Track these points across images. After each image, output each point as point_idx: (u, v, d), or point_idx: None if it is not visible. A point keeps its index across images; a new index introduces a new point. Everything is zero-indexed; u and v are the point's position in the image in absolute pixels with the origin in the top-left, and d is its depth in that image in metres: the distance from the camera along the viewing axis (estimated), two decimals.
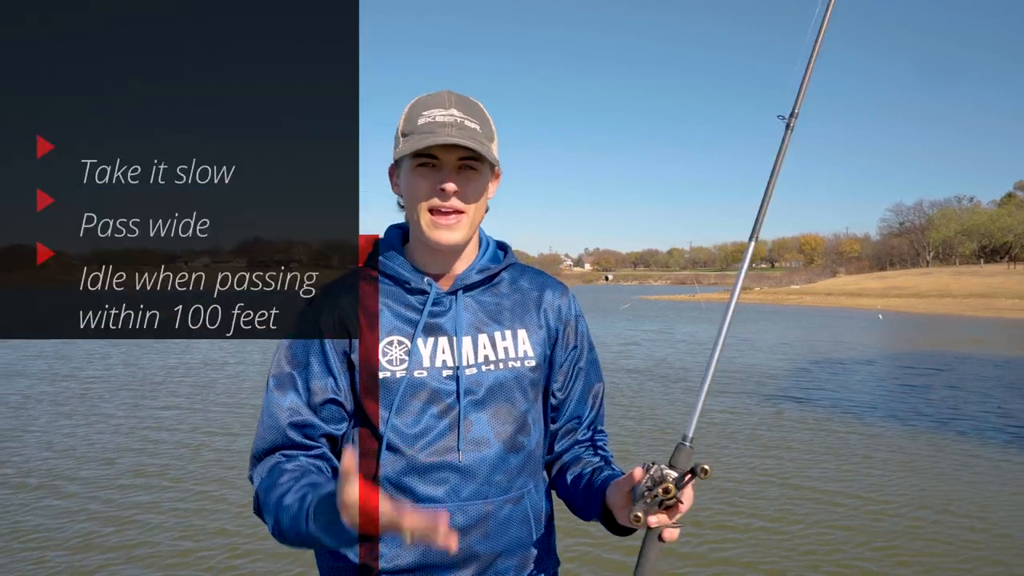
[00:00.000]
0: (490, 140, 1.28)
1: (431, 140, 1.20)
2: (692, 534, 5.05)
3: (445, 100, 1.26)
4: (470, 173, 1.26)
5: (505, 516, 1.28)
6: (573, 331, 1.40)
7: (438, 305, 1.29)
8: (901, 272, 79.63)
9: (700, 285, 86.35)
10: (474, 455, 1.26)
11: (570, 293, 1.43)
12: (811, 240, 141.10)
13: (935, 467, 7.03)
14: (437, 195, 1.24)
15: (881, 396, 11.21)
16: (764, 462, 7.17)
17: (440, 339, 1.28)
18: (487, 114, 1.31)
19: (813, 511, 5.68)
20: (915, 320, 34.09)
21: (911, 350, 19.07)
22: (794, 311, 40.57)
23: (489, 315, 1.32)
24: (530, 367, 1.32)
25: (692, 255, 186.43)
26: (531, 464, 1.33)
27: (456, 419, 1.26)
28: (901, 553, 4.84)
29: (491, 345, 1.30)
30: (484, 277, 1.33)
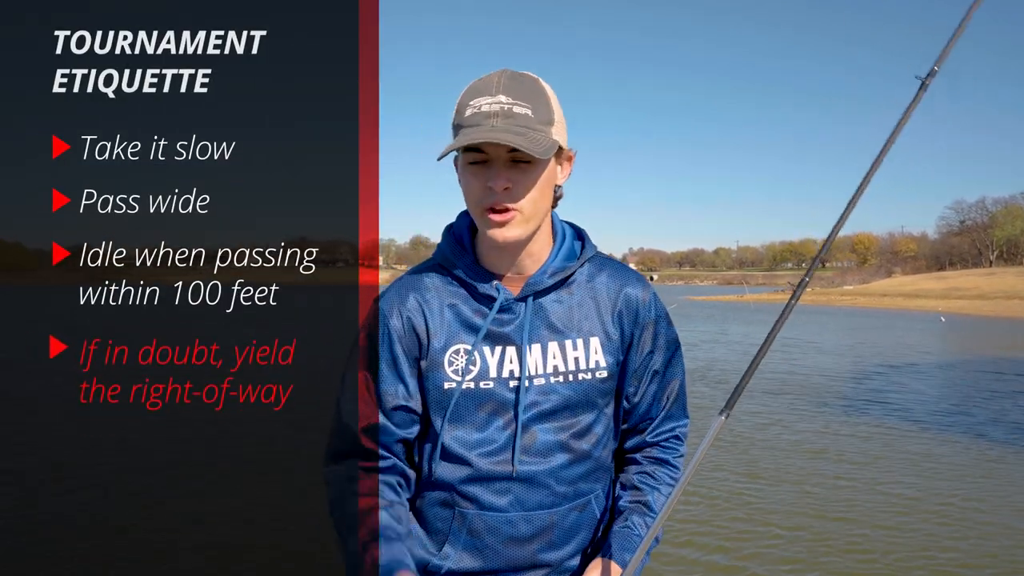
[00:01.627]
0: (547, 123, 1.17)
1: (470, 138, 1.13)
2: (754, 533, 4.89)
3: (494, 84, 1.16)
4: (524, 167, 1.16)
5: (571, 524, 1.26)
6: (651, 335, 1.31)
7: (506, 312, 1.24)
8: (962, 272, 76.31)
9: (748, 286, 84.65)
10: (539, 467, 1.23)
11: (652, 291, 1.33)
12: (864, 239, 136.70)
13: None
14: (489, 193, 1.16)
15: (956, 403, 10.59)
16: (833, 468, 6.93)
17: (508, 348, 1.23)
18: (545, 90, 1.19)
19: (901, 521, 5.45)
20: (981, 323, 32.22)
21: (981, 355, 17.98)
22: (848, 312, 39.20)
23: (561, 322, 1.26)
24: (601, 378, 1.27)
25: (739, 255, 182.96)
26: (598, 469, 1.30)
27: (522, 431, 1.22)
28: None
29: (561, 355, 1.25)
30: (556, 281, 1.25)
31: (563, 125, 1.22)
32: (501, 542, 1.22)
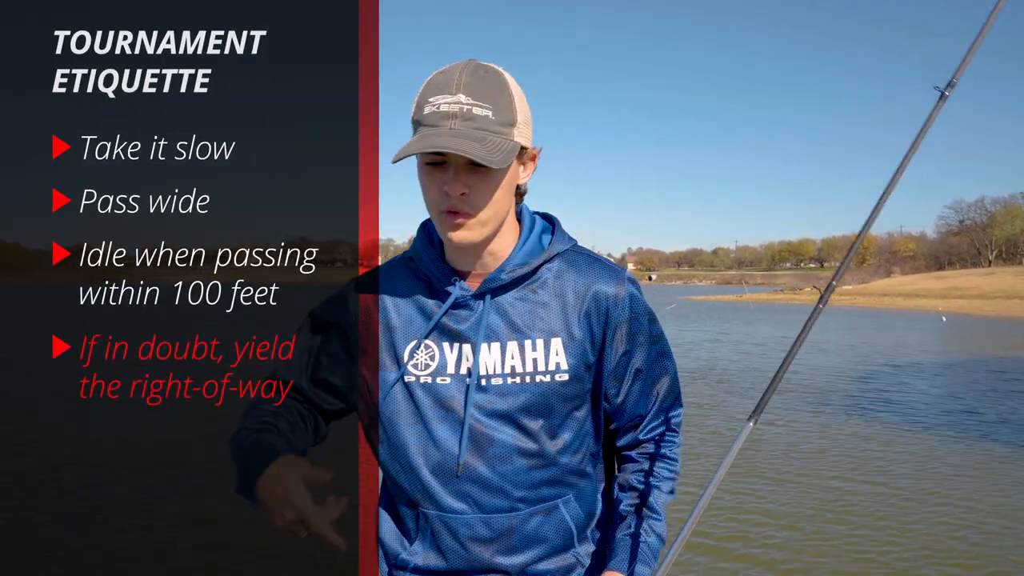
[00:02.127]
0: (509, 124, 1.12)
1: (425, 143, 1.08)
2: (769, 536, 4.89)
3: (454, 81, 1.10)
4: (482, 171, 1.11)
5: (534, 528, 1.22)
6: (625, 333, 1.25)
7: (463, 309, 1.21)
8: (961, 272, 76.26)
9: (747, 285, 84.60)
10: (495, 469, 1.19)
11: (626, 286, 1.25)
12: (864, 239, 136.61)
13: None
14: (446, 197, 1.13)
15: (962, 403, 10.57)
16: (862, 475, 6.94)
17: (464, 346, 1.20)
18: (509, 88, 1.14)
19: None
20: (982, 323, 31.96)
21: (985, 354, 17.84)
22: (848, 312, 39.00)
23: (521, 321, 1.21)
24: (561, 381, 1.21)
25: (738, 255, 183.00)
26: (568, 476, 1.25)
27: (474, 431, 1.19)
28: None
29: (520, 355, 1.20)
30: (514, 278, 1.20)
31: (527, 124, 1.17)
32: (461, 543, 1.21)
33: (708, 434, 7.96)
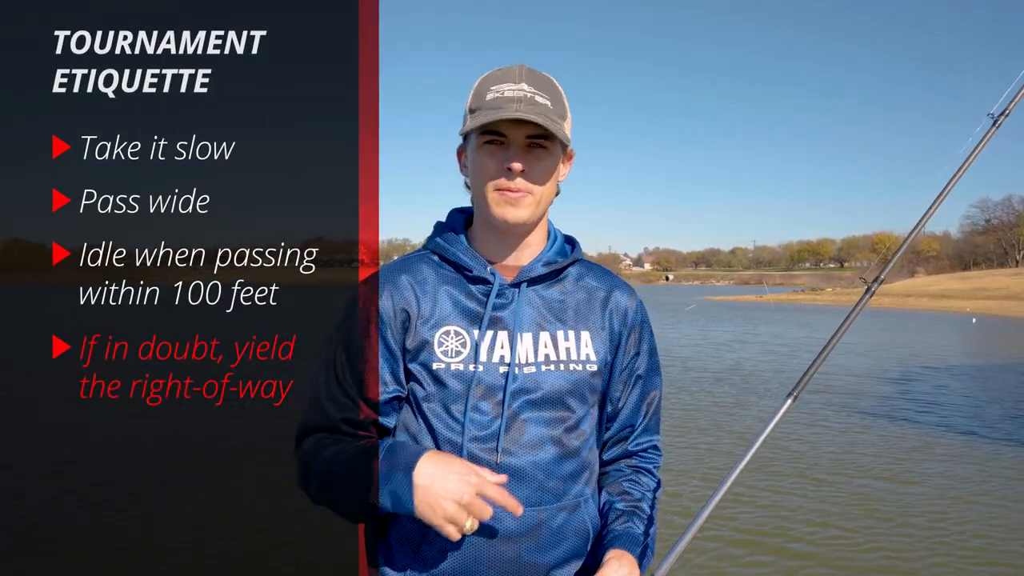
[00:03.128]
0: (562, 118, 1.21)
1: (498, 115, 1.14)
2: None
3: (516, 74, 1.20)
4: (539, 152, 1.19)
5: (559, 525, 1.20)
6: (637, 337, 1.31)
7: (500, 297, 1.23)
8: (987, 272, 74.81)
9: (766, 286, 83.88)
10: (527, 458, 1.19)
11: (637, 296, 1.35)
12: (885, 239, 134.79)
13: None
14: (504, 174, 1.18)
15: (1002, 407, 10.27)
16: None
17: (500, 333, 1.21)
18: (561, 90, 1.23)
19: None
20: (1014, 324, 30.96)
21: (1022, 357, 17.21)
22: (873, 313, 38.29)
23: (553, 312, 1.25)
24: (591, 372, 1.25)
25: (756, 254, 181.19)
26: (587, 472, 1.26)
27: (510, 419, 1.19)
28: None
29: (552, 344, 1.23)
30: (550, 271, 1.26)
31: (570, 124, 1.25)
32: (485, 540, 1.16)
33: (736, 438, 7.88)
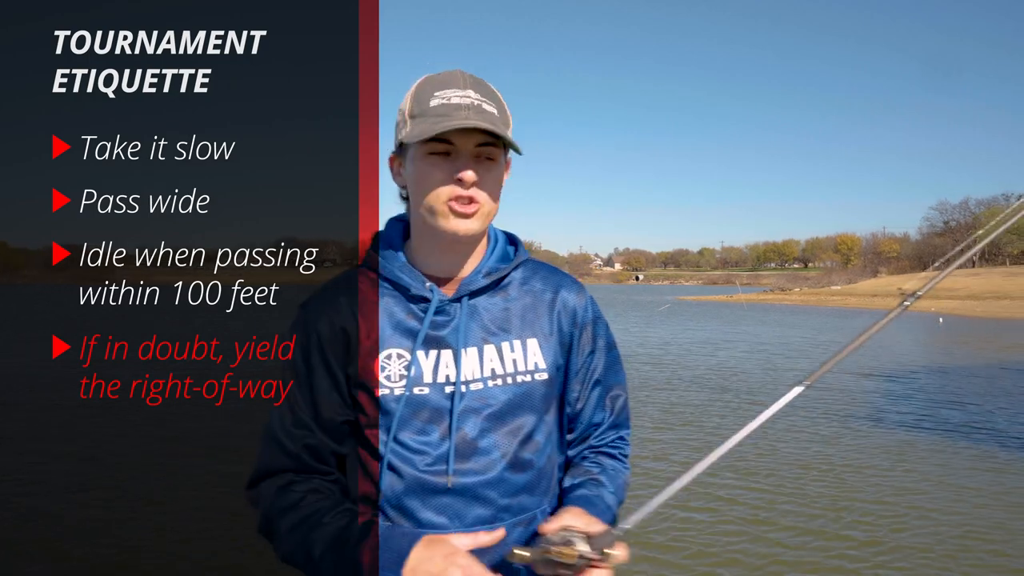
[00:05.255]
0: (507, 127, 1.18)
1: (449, 123, 1.09)
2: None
3: (460, 80, 1.15)
4: (488, 162, 1.15)
5: (514, 541, 1.17)
6: (590, 335, 1.28)
7: (441, 314, 1.18)
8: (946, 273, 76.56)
9: (739, 286, 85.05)
10: (479, 477, 1.16)
11: (587, 293, 1.31)
12: (847, 239, 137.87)
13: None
14: (454, 185, 1.12)
15: (981, 407, 10.15)
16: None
17: (443, 352, 1.17)
18: (502, 99, 1.20)
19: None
20: (979, 324, 31.31)
21: (998, 358, 17.11)
22: (841, 313, 38.86)
23: (497, 323, 1.21)
24: (541, 380, 1.21)
25: (723, 255, 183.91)
26: (543, 482, 1.23)
27: (459, 440, 1.16)
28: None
29: (498, 357, 1.19)
30: (491, 281, 1.22)
31: (511, 134, 1.20)
32: None
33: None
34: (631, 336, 21.44)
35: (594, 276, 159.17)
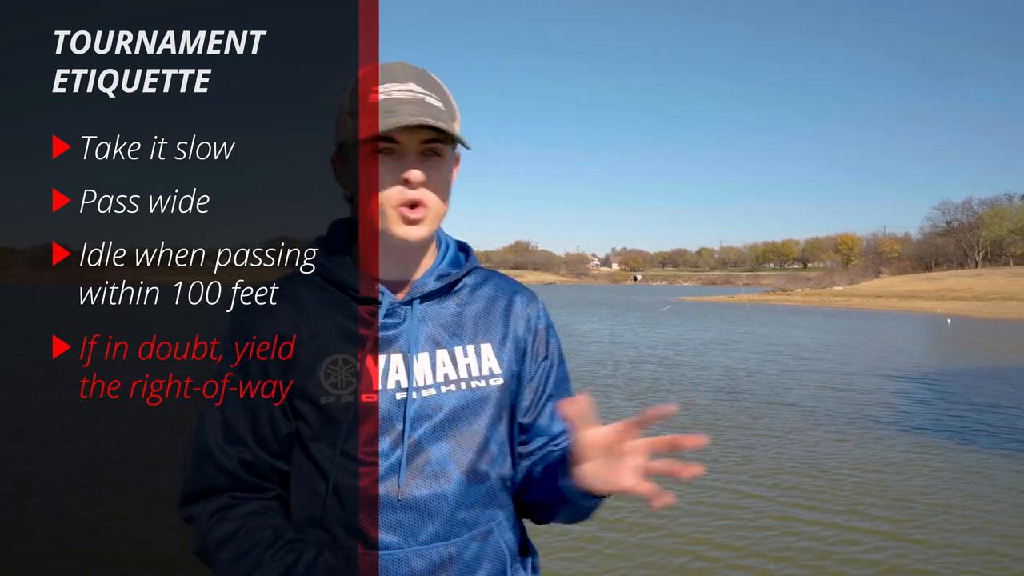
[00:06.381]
0: (453, 120, 1.12)
1: (394, 121, 1.03)
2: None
3: (400, 73, 1.09)
4: (435, 160, 1.09)
5: (472, 556, 1.11)
6: (543, 343, 1.24)
7: (391, 316, 1.13)
8: (950, 273, 76.80)
9: (741, 286, 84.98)
10: (433, 490, 1.09)
11: (539, 301, 1.27)
12: (848, 240, 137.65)
13: None
14: (401, 186, 1.07)
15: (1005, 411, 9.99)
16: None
17: (393, 356, 1.12)
18: (447, 91, 1.14)
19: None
20: (987, 325, 30.62)
21: (1017, 360, 16.85)
22: (846, 314, 38.44)
23: (449, 328, 1.16)
24: (497, 386, 1.17)
25: (722, 255, 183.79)
26: (499, 494, 1.18)
27: (412, 449, 1.09)
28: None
29: (451, 362, 1.14)
30: (444, 284, 1.17)
31: (459, 127, 1.14)
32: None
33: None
34: (636, 337, 21.38)
35: (592, 276, 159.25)
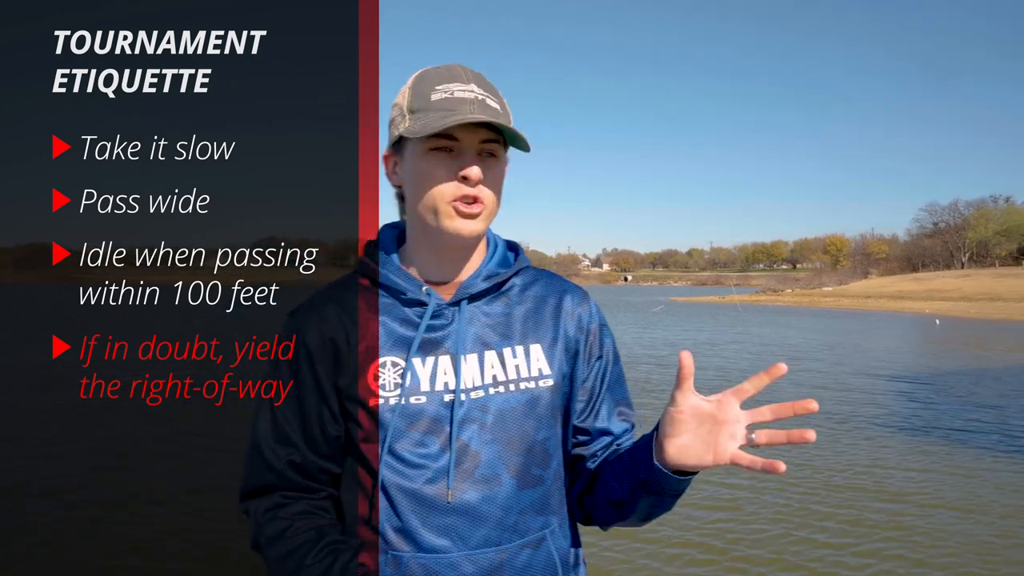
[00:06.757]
0: (509, 123, 1.13)
1: (457, 118, 1.04)
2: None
3: (461, 74, 1.10)
4: (491, 160, 1.11)
5: (523, 564, 1.10)
6: (597, 342, 1.22)
7: (438, 318, 1.13)
8: (937, 274, 77.45)
9: (732, 287, 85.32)
10: (483, 494, 1.09)
11: (591, 300, 1.26)
12: (836, 241, 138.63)
13: None
14: (458, 184, 1.08)
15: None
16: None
17: (441, 359, 1.12)
18: (502, 95, 1.16)
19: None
20: (976, 326, 30.58)
21: (1005, 361, 16.68)
22: (836, 315, 38.50)
23: (498, 329, 1.15)
24: (547, 387, 1.15)
25: (712, 255, 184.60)
26: (552, 499, 1.16)
27: (460, 452, 1.09)
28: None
29: (500, 363, 1.13)
30: (492, 284, 1.16)
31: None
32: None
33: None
34: (630, 337, 21.44)
35: (582, 277, 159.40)
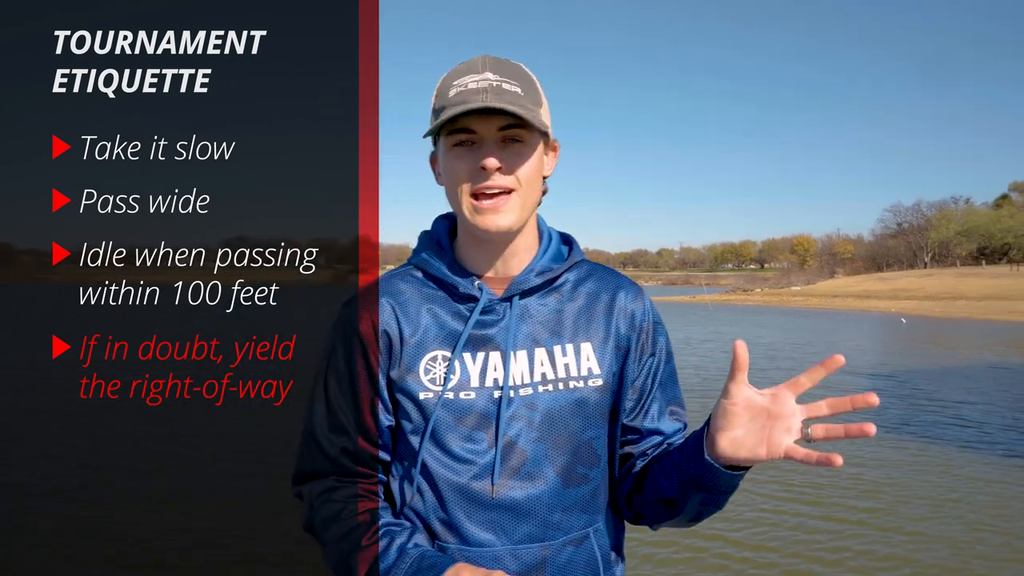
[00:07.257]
0: (537, 105, 1.10)
1: (455, 110, 1.03)
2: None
3: (478, 65, 1.08)
4: (516, 146, 1.08)
5: (565, 561, 1.10)
6: (649, 340, 1.19)
7: (489, 313, 1.12)
8: (901, 273, 79.30)
9: (704, 286, 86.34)
10: (528, 490, 1.09)
11: (646, 296, 1.22)
12: (804, 241, 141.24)
13: None
14: (477, 176, 1.07)
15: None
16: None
17: (491, 354, 1.11)
18: (532, 76, 1.12)
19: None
20: (941, 325, 30.94)
21: (973, 359, 16.69)
22: (805, 314, 38.78)
23: (548, 326, 1.14)
24: (595, 387, 1.14)
25: (682, 255, 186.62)
26: (598, 498, 1.16)
27: (506, 448, 1.09)
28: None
29: (549, 361, 1.12)
30: (544, 280, 1.15)
31: (548, 112, 1.14)
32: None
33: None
34: None
35: None
